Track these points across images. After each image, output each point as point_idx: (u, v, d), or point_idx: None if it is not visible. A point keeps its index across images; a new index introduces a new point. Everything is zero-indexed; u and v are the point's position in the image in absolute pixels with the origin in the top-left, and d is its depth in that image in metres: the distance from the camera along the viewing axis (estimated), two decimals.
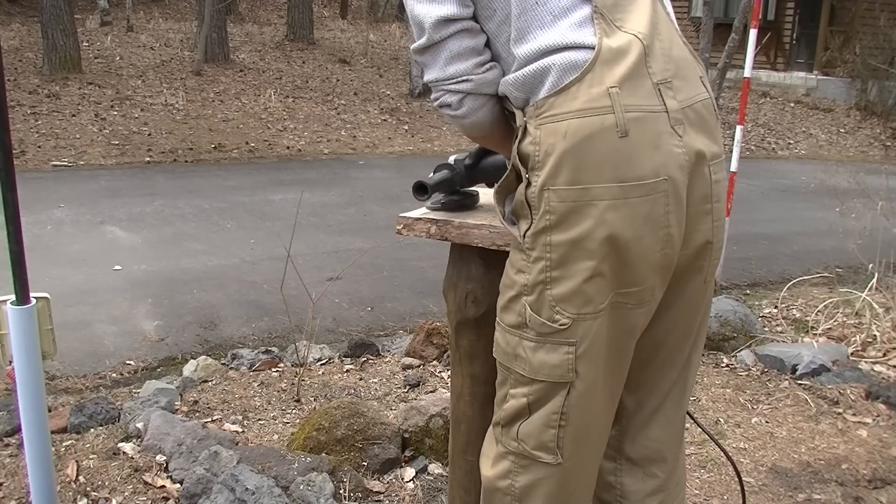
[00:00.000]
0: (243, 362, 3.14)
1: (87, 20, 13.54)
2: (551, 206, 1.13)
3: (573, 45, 1.13)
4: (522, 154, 1.16)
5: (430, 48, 1.20)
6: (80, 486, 2.09)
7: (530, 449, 1.26)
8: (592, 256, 1.14)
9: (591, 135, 1.11)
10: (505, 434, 1.29)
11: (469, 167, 1.53)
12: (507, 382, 1.28)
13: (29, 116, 8.62)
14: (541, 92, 1.14)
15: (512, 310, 1.23)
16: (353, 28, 16.73)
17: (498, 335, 1.28)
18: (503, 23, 1.18)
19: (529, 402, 1.24)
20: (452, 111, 1.23)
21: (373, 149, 9.17)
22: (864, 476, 2.39)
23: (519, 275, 1.20)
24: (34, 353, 1.58)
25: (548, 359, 1.20)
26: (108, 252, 4.86)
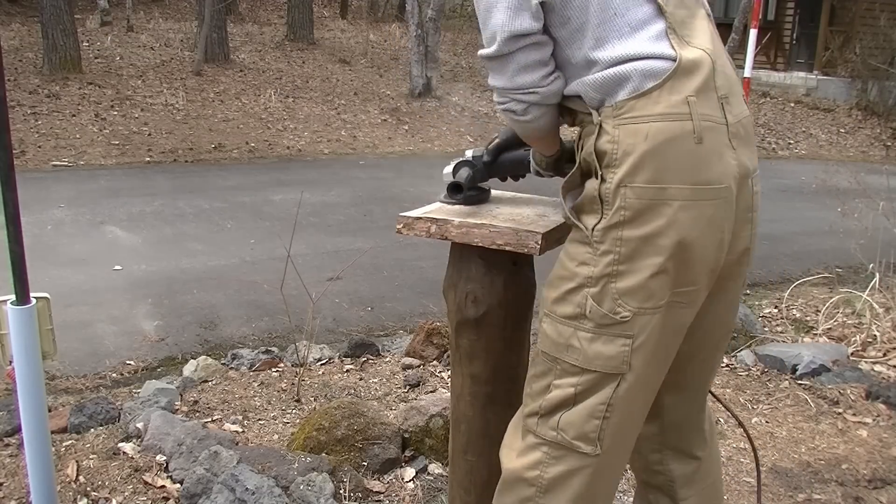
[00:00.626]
0: (243, 362, 3.14)
1: (87, 20, 13.54)
2: (627, 202, 1.20)
3: (652, 56, 1.22)
4: (599, 151, 1.23)
5: (500, 58, 1.25)
6: (80, 486, 2.09)
7: (570, 438, 1.30)
8: (661, 253, 1.21)
9: (671, 138, 1.20)
10: (542, 424, 1.33)
11: (487, 164, 1.59)
12: (550, 373, 1.32)
13: (29, 116, 8.62)
14: (620, 94, 1.22)
15: (569, 301, 1.27)
16: (353, 28, 16.72)
17: (547, 326, 1.32)
18: (577, 31, 1.25)
19: (577, 392, 1.29)
20: (517, 117, 1.31)
21: (373, 149, 9.17)
22: (864, 476, 2.39)
23: (582, 267, 1.25)
24: (34, 353, 1.58)
25: (604, 350, 1.26)
26: (108, 252, 4.85)
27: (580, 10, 1.23)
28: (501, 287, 1.48)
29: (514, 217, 1.48)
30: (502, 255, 1.45)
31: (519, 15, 1.22)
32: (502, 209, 1.55)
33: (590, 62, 1.25)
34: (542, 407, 1.33)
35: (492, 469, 1.61)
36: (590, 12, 1.23)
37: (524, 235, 1.38)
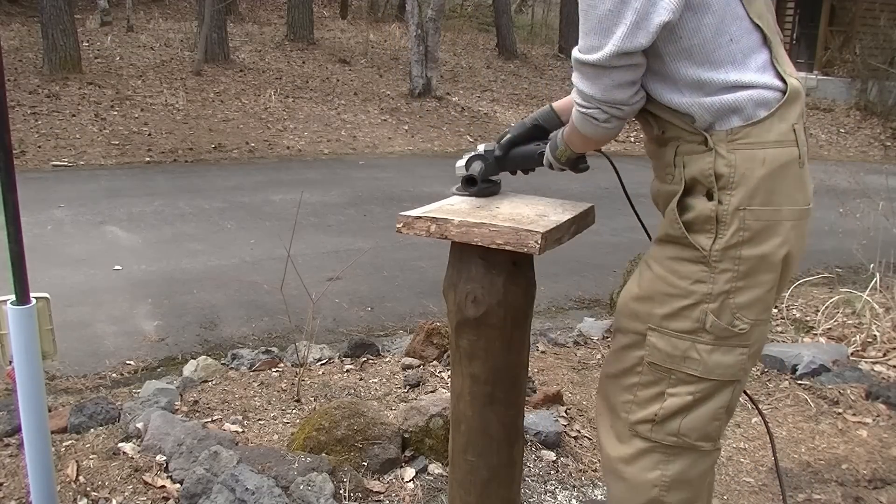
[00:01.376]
0: (243, 362, 3.14)
1: (87, 20, 13.54)
2: (746, 223, 1.29)
3: (763, 86, 1.29)
4: (716, 174, 1.29)
5: (600, 69, 1.26)
6: (80, 486, 2.08)
7: (693, 441, 1.42)
8: (775, 270, 1.33)
9: (784, 164, 1.30)
10: (657, 429, 1.42)
11: (499, 158, 1.64)
12: (662, 382, 1.41)
13: (29, 116, 8.62)
14: (734, 120, 1.29)
15: (685, 316, 1.36)
16: (353, 28, 16.72)
17: (658, 341, 1.39)
18: (685, 50, 1.28)
19: (695, 399, 1.39)
20: (598, 123, 1.34)
21: (373, 149, 9.17)
22: (864, 476, 2.39)
23: (698, 285, 1.33)
24: (34, 353, 1.58)
25: (723, 360, 1.36)
26: (108, 252, 4.85)
27: (693, 31, 1.26)
28: (501, 287, 1.48)
29: (513, 217, 1.48)
30: (502, 254, 1.45)
31: (637, 33, 1.22)
32: (502, 208, 1.55)
33: (700, 82, 1.29)
34: (657, 415, 1.41)
35: (492, 469, 1.61)
36: (703, 35, 1.27)
37: (524, 235, 1.38)
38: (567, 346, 3.47)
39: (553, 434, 2.47)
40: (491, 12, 18.17)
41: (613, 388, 1.50)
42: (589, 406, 2.82)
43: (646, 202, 1.53)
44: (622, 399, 1.46)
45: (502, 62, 15.43)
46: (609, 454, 1.50)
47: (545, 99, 12.95)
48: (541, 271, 1.61)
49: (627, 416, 1.45)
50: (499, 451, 1.61)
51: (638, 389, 1.43)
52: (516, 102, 12.57)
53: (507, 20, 16.20)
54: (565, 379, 3.05)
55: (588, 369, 3.19)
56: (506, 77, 14.35)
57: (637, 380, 1.43)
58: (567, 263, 4.87)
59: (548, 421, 2.52)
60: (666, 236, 1.38)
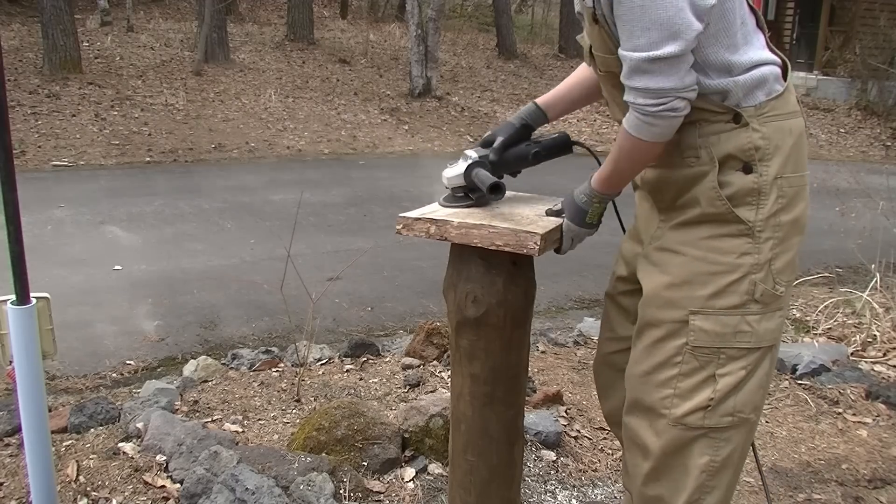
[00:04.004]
0: (243, 362, 3.14)
1: (87, 20, 13.53)
2: (784, 191, 1.35)
3: (772, 62, 1.39)
4: (756, 146, 1.34)
5: (677, 58, 1.26)
6: (80, 486, 2.09)
7: (747, 415, 1.42)
8: (801, 231, 1.41)
9: (802, 132, 1.40)
10: (712, 415, 1.41)
11: (494, 162, 1.58)
12: (709, 365, 1.40)
13: (29, 116, 8.62)
14: (759, 95, 1.35)
15: (733, 292, 1.37)
16: (353, 28, 16.72)
17: (704, 323, 1.39)
18: (713, 35, 1.32)
19: (747, 373, 1.40)
20: (677, 114, 1.31)
21: (373, 149, 9.17)
22: (864, 476, 2.39)
23: (744, 257, 1.36)
24: (34, 353, 1.58)
25: (770, 325, 1.40)
26: (108, 252, 4.85)
27: (718, 16, 1.30)
28: (501, 287, 1.48)
29: (513, 217, 1.48)
30: (502, 254, 1.45)
31: (696, 12, 1.25)
32: (501, 209, 1.55)
33: (728, 65, 1.34)
34: (712, 399, 1.40)
35: (492, 469, 1.61)
36: (727, 19, 1.32)
37: (523, 236, 1.38)
38: (567, 346, 3.47)
39: (553, 434, 2.47)
40: (491, 12, 18.17)
41: (646, 387, 1.46)
42: (589, 406, 2.82)
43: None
44: (660, 396, 1.43)
45: (502, 62, 15.42)
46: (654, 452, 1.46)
47: None
48: (541, 271, 1.61)
49: (670, 412, 1.42)
50: (499, 451, 1.61)
51: (678, 381, 1.41)
52: (516, 102, 12.56)
53: (507, 20, 16.20)
54: (565, 379, 3.05)
55: (588, 369, 3.19)
56: (506, 77, 14.35)
57: (676, 371, 1.41)
58: (567, 263, 4.85)
59: (548, 421, 2.52)
60: (700, 216, 1.38)
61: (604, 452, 2.50)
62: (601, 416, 2.74)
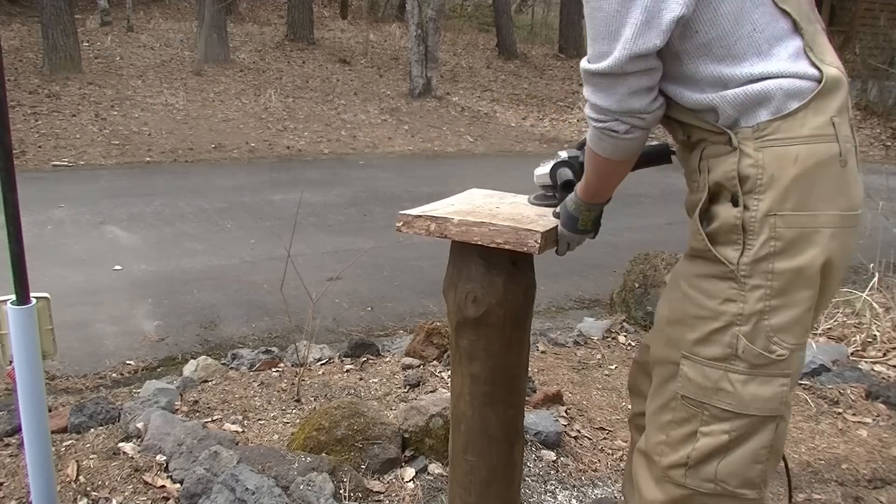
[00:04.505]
0: (243, 362, 3.14)
1: (87, 20, 13.54)
2: (777, 231, 1.14)
3: (794, 75, 1.15)
4: (740, 176, 1.15)
5: (612, 77, 1.15)
6: (80, 486, 2.08)
7: (733, 488, 1.24)
8: (813, 285, 1.16)
9: (820, 161, 1.14)
10: (692, 475, 1.26)
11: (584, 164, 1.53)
12: (694, 419, 1.25)
13: (29, 116, 8.62)
14: (761, 114, 1.15)
15: (716, 342, 1.20)
16: (353, 28, 16.72)
17: (689, 370, 1.24)
18: (704, 45, 1.17)
19: (731, 439, 1.22)
20: (619, 136, 1.21)
21: (373, 149, 9.17)
22: (864, 476, 2.39)
23: (728, 304, 1.18)
24: (34, 353, 1.58)
25: (760, 392, 1.19)
26: (108, 252, 4.85)
27: (710, 23, 1.15)
28: (501, 287, 1.48)
29: (513, 216, 1.48)
30: (502, 254, 1.45)
31: (646, 32, 1.11)
32: (502, 208, 1.55)
33: (722, 79, 1.17)
34: (690, 458, 1.25)
35: (492, 469, 1.61)
36: (721, 26, 1.15)
37: (524, 234, 1.38)
38: (567, 346, 3.47)
39: (553, 434, 2.47)
40: (491, 12, 18.17)
41: (651, 427, 1.35)
42: (589, 406, 2.82)
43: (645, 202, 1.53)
44: (656, 440, 1.32)
45: (502, 62, 15.42)
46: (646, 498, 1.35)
47: (545, 99, 12.96)
48: (541, 271, 1.61)
49: (660, 460, 1.31)
50: (499, 451, 1.61)
51: (671, 429, 1.28)
52: (516, 102, 12.57)
53: (507, 20, 16.20)
54: (565, 379, 3.05)
55: (588, 369, 3.19)
56: (506, 77, 14.35)
57: (670, 417, 1.28)
58: (567, 263, 4.85)
59: (548, 421, 2.52)
60: (692, 250, 1.25)
61: (604, 452, 2.50)
62: (601, 416, 2.74)
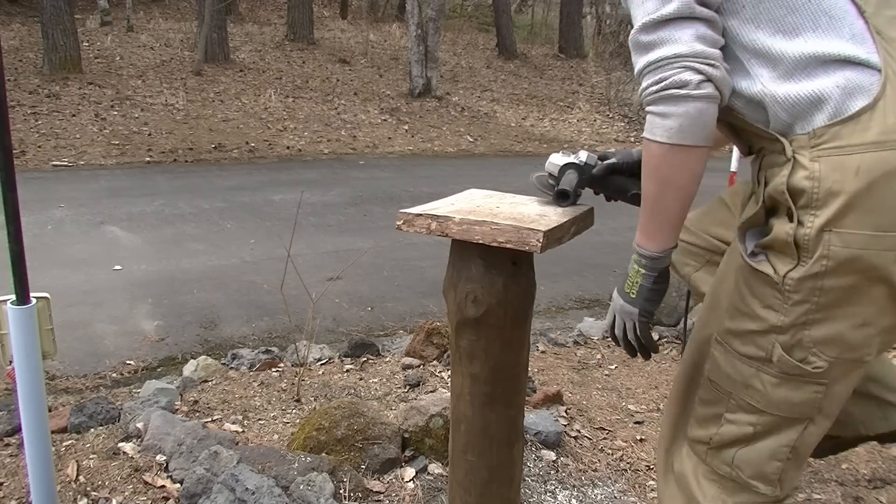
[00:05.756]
0: (243, 362, 3.14)
1: (87, 20, 13.54)
2: (831, 250, 1.01)
3: (855, 60, 1.01)
4: (794, 189, 1.03)
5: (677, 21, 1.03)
6: (80, 486, 2.08)
7: (746, 477, 1.20)
8: (870, 303, 1.04)
9: (890, 172, 0.98)
10: (713, 456, 1.24)
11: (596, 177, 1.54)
12: (720, 404, 1.21)
13: (29, 116, 8.62)
14: (817, 119, 1.01)
15: (753, 342, 1.13)
16: (353, 28, 16.72)
17: (720, 357, 1.19)
18: (751, 20, 1.05)
19: (755, 432, 1.18)
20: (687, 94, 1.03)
21: (373, 149, 9.17)
22: (864, 476, 2.39)
23: (769, 312, 1.10)
24: (34, 353, 1.58)
25: (791, 396, 1.12)
26: (108, 252, 4.85)
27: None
28: (501, 287, 1.48)
29: (514, 215, 1.48)
30: (502, 254, 1.45)
31: None
32: (503, 208, 1.55)
33: (771, 57, 1.04)
34: (712, 440, 1.23)
35: (492, 469, 1.61)
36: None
37: (526, 233, 1.38)
38: (567, 346, 3.47)
39: (553, 434, 2.47)
40: (491, 12, 18.17)
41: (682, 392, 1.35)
42: (589, 406, 2.82)
43: None
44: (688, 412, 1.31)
45: (502, 62, 15.42)
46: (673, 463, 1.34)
47: (545, 99, 12.96)
48: (541, 271, 1.61)
49: (688, 430, 1.30)
50: (499, 451, 1.60)
51: (699, 405, 1.26)
52: (516, 102, 12.57)
53: (507, 20, 16.20)
54: (565, 379, 3.05)
55: (588, 369, 3.19)
56: (506, 77, 14.35)
57: (700, 394, 1.26)
58: (567, 263, 4.86)
59: (548, 421, 2.52)
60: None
61: (604, 452, 2.50)
62: (601, 416, 2.74)
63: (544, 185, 1.61)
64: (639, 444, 2.56)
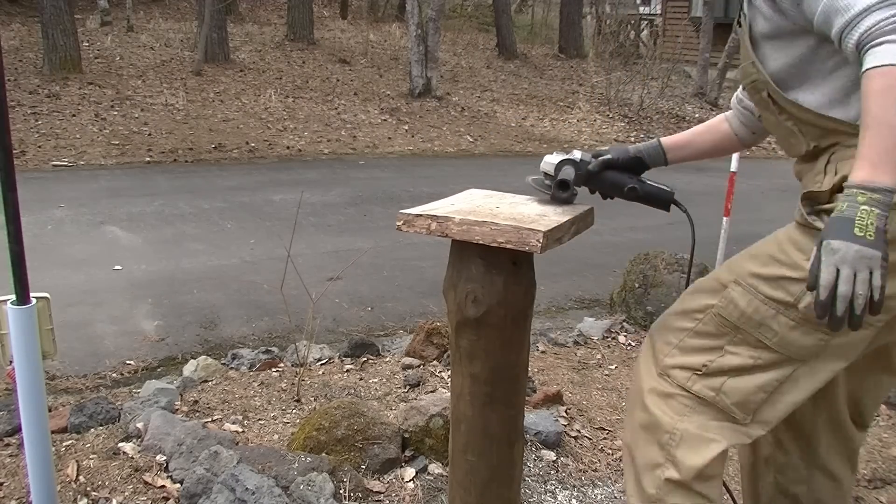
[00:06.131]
0: (243, 362, 3.14)
1: (87, 20, 13.53)
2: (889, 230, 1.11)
3: None
4: None
5: None
6: (80, 486, 2.08)
7: (729, 403, 1.34)
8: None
9: None
10: (697, 380, 1.36)
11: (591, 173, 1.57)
12: (723, 337, 1.34)
13: (29, 116, 8.62)
14: None
15: (782, 287, 1.28)
16: (353, 28, 16.72)
17: (739, 297, 1.32)
18: None
19: (755, 364, 1.32)
20: None
21: (373, 149, 9.17)
22: (864, 476, 2.39)
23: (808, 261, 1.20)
24: (34, 353, 1.58)
25: (801, 339, 1.28)
26: (108, 252, 4.85)
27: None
28: (501, 287, 1.48)
29: (514, 216, 1.48)
30: (502, 254, 1.45)
31: None
32: (503, 208, 1.55)
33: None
34: (706, 367, 1.35)
35: (492, 469, 1.61)
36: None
37: (526, 233, 1.38)
38: (567, 346, 3.47)
39: (553, 434, 2.47)
40: (491, 12, 18.17)
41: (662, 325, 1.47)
42: (589, 406, 2.82)
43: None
44: (664, 340, 1.43)
45: (502, 62, 15.42)
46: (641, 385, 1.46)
47: (545, 99, 12.96)
48: (541, 271, 1.61)
49: (663, 359, 1.42)
50: (499, 451, 1.61)
51: (687, 335, 1.39)
52: (516, 102, 12.56)
53: (507, 20, 16.20)
54: (565, 379, 3.05)
55: (588, 369, 3.19)
56: (506, 77, 14.35)
57: (691, 326, 1.38)
58: (567, 263, 4.86)
59: (548, 421, 2.52)
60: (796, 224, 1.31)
61: (604, 452, 2.50)
62: (601, 416, 2.74)
63: (541, 185, 1.62)
64: None
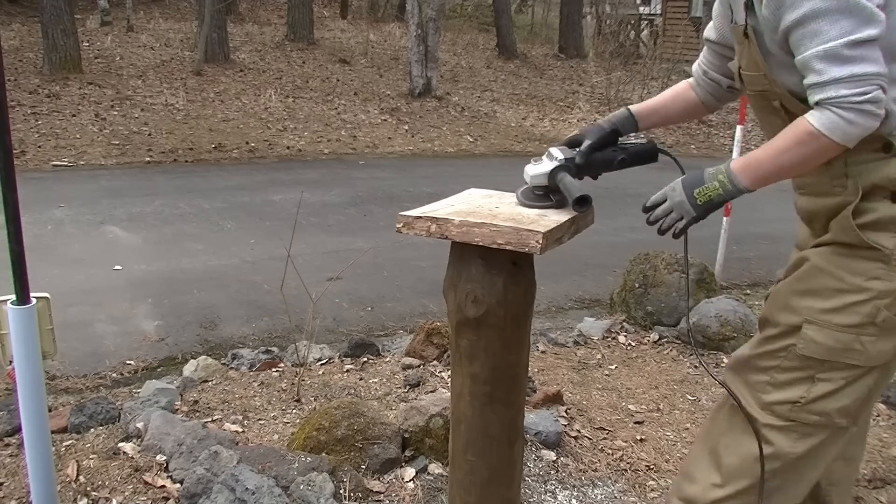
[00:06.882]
0: (243, 362, 3.14)
1: (87, 20, 13.54)
2: None
3: None
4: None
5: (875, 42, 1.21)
6: (80, 486, 2.08)
7: (834, 418, 1.44)
8: None
9: None
10: (800, 410, 1.44)
11: (580, 166, 1.56)
12: (811, 368, 1.42)
13: (29, 116, 8.62)
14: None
15: (854, 312, 1.37)
16: (353, 28, 16.72)
17: (817, 335, 1.40)
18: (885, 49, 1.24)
19: (847, 383, 1.41)
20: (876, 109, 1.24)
21: (373, 149, 9.17)
22: (864, 476, 2.39)
23: (874, 282, 1.35)
24: (34, 353, 1.58)
25: (884, 347, 1.38)
26: (108, 252, 4.85)
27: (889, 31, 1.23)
28: (501, 287, 1.48)
29: (514, 216, 1.48)
30: (502, 254, 1.45)
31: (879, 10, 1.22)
32: (502, 208, 1.55)
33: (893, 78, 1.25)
34: (804, 398, 1.43)
35: (492, 469, 1.61)
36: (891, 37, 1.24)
37: (525, 235, 1.38)
38: (567, 346, 3.47)
39: (553, 434, 2.47)
40: (491, 12, 18.17)
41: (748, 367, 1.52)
42: (589, 406, 2.82)
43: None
44: (756, 378, 1.49)
45: (502, 62, 15.42)
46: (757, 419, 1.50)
47: (545, 99, 12.96)
48: (541, 271, 1.61)
49: (761, 396, 1.48)
50: (499, 451, 1.61)
51: (776, 372, 1.46)
52: (516, 102, 12.56)
53: (507, 20, 16.20)
54: (565, 379, 3.05)
55: (588, 369, 3.19)
56: (506, 77, 14.35)
57: (776, 364, 1.46)
58: (567, 263, 4.86)
59: (548, 421, 2.52)
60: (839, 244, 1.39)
61: (604, 452, 2.50)
62: (601, 416, 2.74)
63: (532, 197, 1.57)
64: (639, 444, 2.56)
